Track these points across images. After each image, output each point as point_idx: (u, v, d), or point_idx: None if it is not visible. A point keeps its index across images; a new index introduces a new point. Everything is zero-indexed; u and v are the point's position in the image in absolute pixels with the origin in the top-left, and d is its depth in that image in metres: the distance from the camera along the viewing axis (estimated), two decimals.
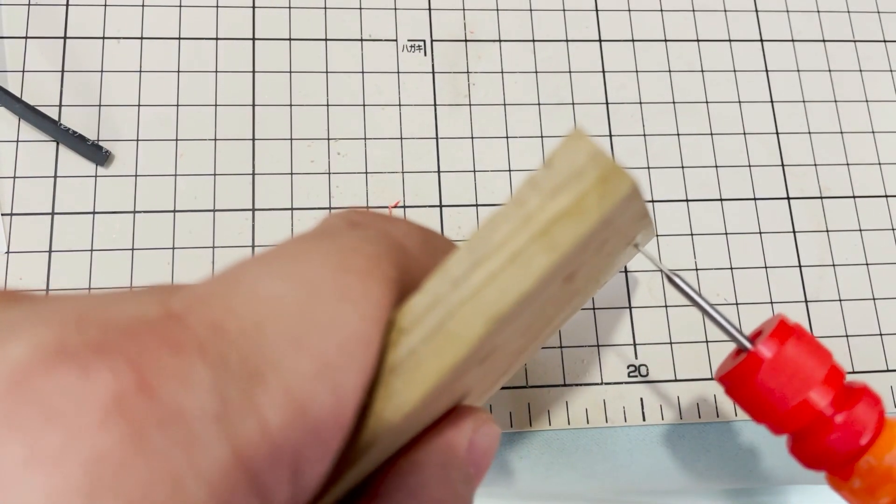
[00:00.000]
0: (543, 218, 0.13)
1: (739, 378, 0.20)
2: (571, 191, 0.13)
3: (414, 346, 0.13)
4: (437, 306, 0.13)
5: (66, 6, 0.30)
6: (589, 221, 0.13)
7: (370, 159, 0.30)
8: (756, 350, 0.20)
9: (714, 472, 0.28)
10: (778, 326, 0.20)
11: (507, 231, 0.13)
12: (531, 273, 0.13)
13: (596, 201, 0.13)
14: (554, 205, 0.13)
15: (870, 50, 0.34)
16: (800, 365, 0.20)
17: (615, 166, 0.13)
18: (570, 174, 0.13)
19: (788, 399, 0.20)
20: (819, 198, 0.31)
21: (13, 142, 0.29)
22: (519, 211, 0.13)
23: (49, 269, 0.27)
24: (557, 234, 0.13)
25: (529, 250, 0.13)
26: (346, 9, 0.32)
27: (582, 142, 0.14)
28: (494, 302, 0.13)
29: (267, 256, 0.13)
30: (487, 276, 0.13)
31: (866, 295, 0.30)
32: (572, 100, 0.31)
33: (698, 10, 0.33)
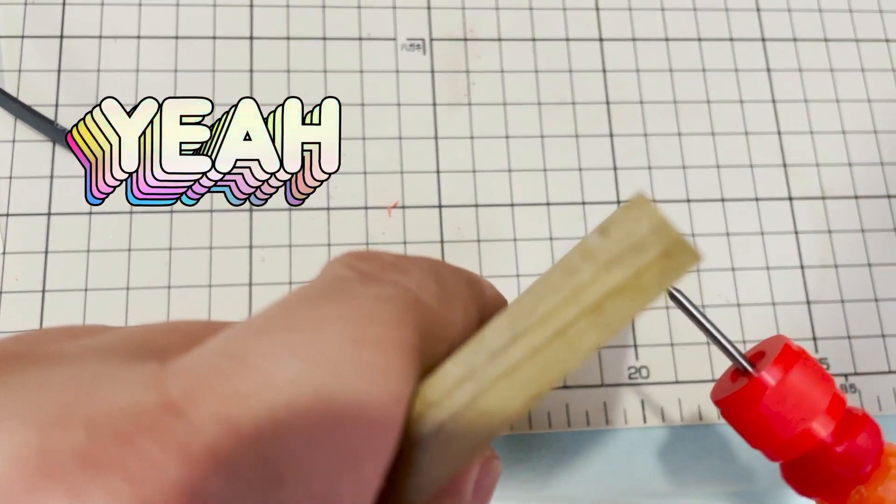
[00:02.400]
0: (597, 292, 0.12)
1: (740, 403, 0.20)
2: (630, 265, 0.12)
3: (443, 422, 0.12)
4: (471, 380, 0.12)
5: (62, 5, 0.30)
6: (647, 298, 0.12)
7: (369, 159, 0.30)
8: (760, 376, 0.19)
9: (715, 475, 0.28)
10: (782, 351, 0.20)
11: (554, 303, 0.12)
12: (579, 351, 0.12)
13: (657, 277, 0.12)
14: (610, 279, 0.12)
15: (872, 49, 0.33)
16: (804, 393, 0.19)
17: (681, 240, 0.12)
18: (629, 246, 0.12)
19: (791, 428, 0.19)
20: (821, 198, 0.31)
21: (9, 142, 0.28)
22: (568, 281, 0.12)
23: (45, 269, 0.27)
24: (611, 310, 0.12)
25: (578, 326, 0.12)
26: (344, 7, 0.32)
27: (644, 210, 0.12)
28: (536, 379, 0.12)
29: (271, 323, 0.11)
30: (529, 350, 0.12)
31: (868, 296, 0.30)
32: (572, 99, 0.31)
33: (699, 9, 0.33)
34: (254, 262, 0.28)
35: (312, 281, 0.13)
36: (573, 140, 0.31)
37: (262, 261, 0.28)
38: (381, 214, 0.29)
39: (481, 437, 0.12)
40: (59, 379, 0.09)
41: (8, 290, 0.27)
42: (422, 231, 0.29)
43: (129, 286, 0.27)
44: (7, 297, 0.27)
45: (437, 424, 0.12)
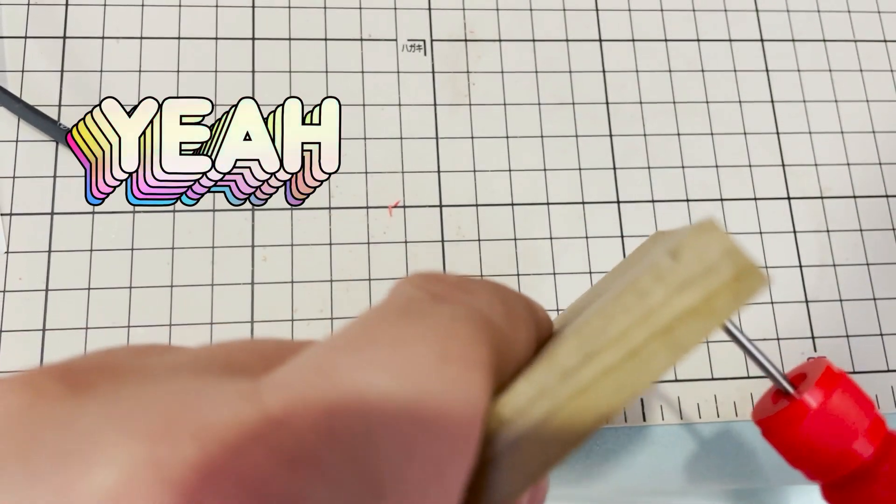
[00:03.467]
0: (668, 314, 0.12)
1: (783, 424, 0.20)
2: (702, 288, 0.12)
3: (516, 439, 0.12)
4: (544, 398, 0.12)
5: (65, 6, 0.30)
6: (717, 320, 0.12)
7: (370, 159, 0.30)
8: (802, 399, 0.20)
9: (714, 473, 0.28)
10: (824, 374, 0.20)
11: (625, 324, 0.12)
12: (650, 371, 0.12)
13: (728, 300, 0.12)
14: (681, 301, 0.12)
15: (870, 50, 0.34)
16: (845, 415, 0.19)
17: (751, 264, 0.12)
18: (701, 269, 0.12)
19: (833, 449, 0.19)
20: (820, 198, 0.31)
21: (13, 142, 0.29)
22: (640, 304, 0.12)
23: (48, 268, 0.27)
24: (682, 332, 0.12)
25: (650, 348, 0.12)
26: (345, 8, 0.32)
27: (714, 234, 0.12)
28: (608, 398, 0.12)
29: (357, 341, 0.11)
30: (602, 370, 0.12)
31: (867, 295, 0.30)
32: (572, 100, 0.31)
33: (699, 10, 0.33)
34: (256, 261, 0.28)
35: (385, 301, 0.13)
36: (573, 140, 0.31)
37: (263, 260, 0.28)
38: (382, 214, 0.29)
39: (554, 455, 0.12)
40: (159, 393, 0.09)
41: (11, 289, 0.27)
42: (422, 230, 0.29)
43: (132, 285, 0.28)
44: (10, 296, 0.27)
45: (511, 441, 0.12)
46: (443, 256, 0.29)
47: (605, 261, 0.30)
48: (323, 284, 0.28)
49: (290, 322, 0.28)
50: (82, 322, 0.27)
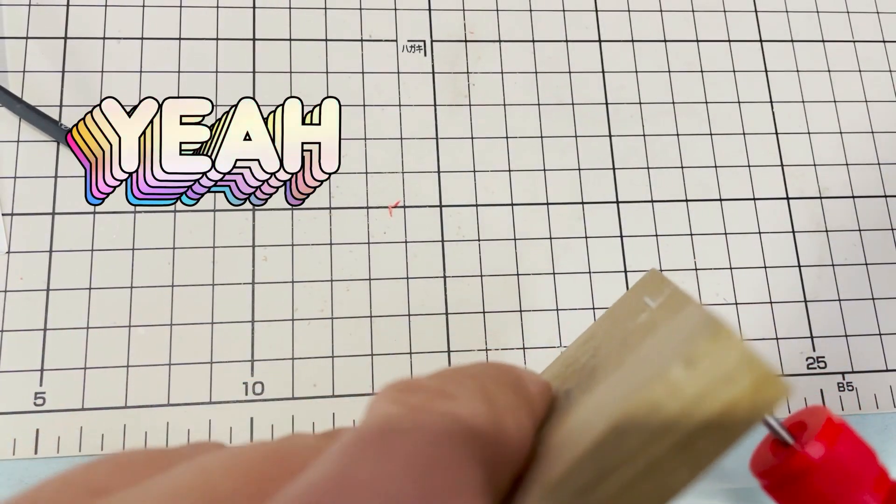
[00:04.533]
0: (687, 428, 0.12)
1: (786, 478, 0.19)
2: (719, 400, 0.12)
3: None
4: None
5: (66, 6, 0.30)
6: (737, 432, 0.12)
7: (370, 159, 0.30)
8: (804, 451, 0.19)
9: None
10: (826, 425, 0.20)
11: (641, 439, 0.12)
12: (670, 488, 0.12)
13: (747, 411, 0.12)
14: (699, 413, 0.12)
15: (869, 50, 0.34)
16: (850, 468, 0.19)
17: (770, 373, 0.12)
18: (717, 379, 0.12)
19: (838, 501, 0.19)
20: (818, 198, 0.31)
21: (14, 142, 0.29)
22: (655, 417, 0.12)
23: (49, 268, 0.27)
24: (702, 446, 0.12)
25: (669, 464, 0.12)
26: (346, 9, 0.32)
27: (731, 342, 0.12)
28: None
29: (336, 487, 0.11)
30: (619, 488, 0.12)
31: (865, 295, 0.30)
32: (572, 100, 0.32)
33: (698, 11, 0.33)
34: (256, 261, 0.28)
35: (362, 424, 0.13)
36: (572, 140, 0.31)
37: (264, 260, 0.28)
38: (382, 214, 0.29)
39: None
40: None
41: (12, 288, 0.27)
42: (422, 230, 0.29)
43: (133, 285, 0.28)
44: (11, 296, 0.27)
45: None
46: (443, 256, 0.29)
47: (605, 260, 0.30)
48: (323, 284, 0.28)
49: (291, 322, 0.28)
50: (83, 322, 0.27)
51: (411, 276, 0.29)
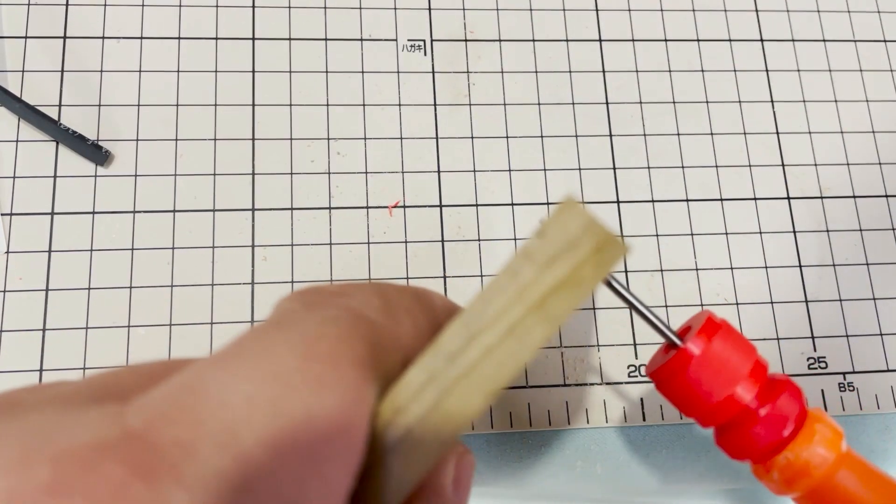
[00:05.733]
0: (539, 290, 0.13)
1: (669, 374, 0.21)
2: (567, 262, 0.13)
3: (411, 425, 0.13)
4: (433, 383, 0.13)
5: (65, 6, 0.30)
6: (585, 291, 0.13)
7: (370, 159, 0.30)
8: (685, 347, 0.20)
9: (714, 473, 0.28)
10: (706, 323, 0.21)
11: (502, 304, 0.13)
12: (528, 345, 0.13)
13: (592, 271, 0.13)
14: (549, 277, 0.13)
15: (870, 50, 0.34)
16: (726, 360, 0.20)
17: (610, 235, 0.13)
18: (564, 244, 0.13)
19: (715, 394, 0.20)
20: (819, 197, 0.31)
21: (13, 141, 0.29)
22: (513, 283, 0.13)
23: (49, 269, 0.27)
24: (554, 305, 0.13)
25: (526, 323, 0.13)
26: (345, 8, 0.32)
27: (575, 211, 0.13)
28: (493, 376, 0.13)
29: (227, 355, 0.12)
30: (484, 350, 0.13)
31: (866, 295, 0.30)
32: (572, 100, 0.31)
33: (698, 10, 0.33)
34: (256, 261, 0.28)
35: (264, 319, 0.13)
36: (573, 140, 0.31)
37: (264, 260, 0.28)
38: (382, 214, 0.29)
39: (447, 436, 0.13)
40: (19, 426, 0.10)
41: (11, 288, 0.27)
42: (422, 230, 0.29)
43: (132, 285, 0.28)
44: (10, 297, 0.27)
45: (405, 428, 0.13)
46: (443, 256, 0.29)
47: None
48: (323, 284, 0.28)
49: None
50: (82, 322, 0.27)
51: (411, 276, 0.29)
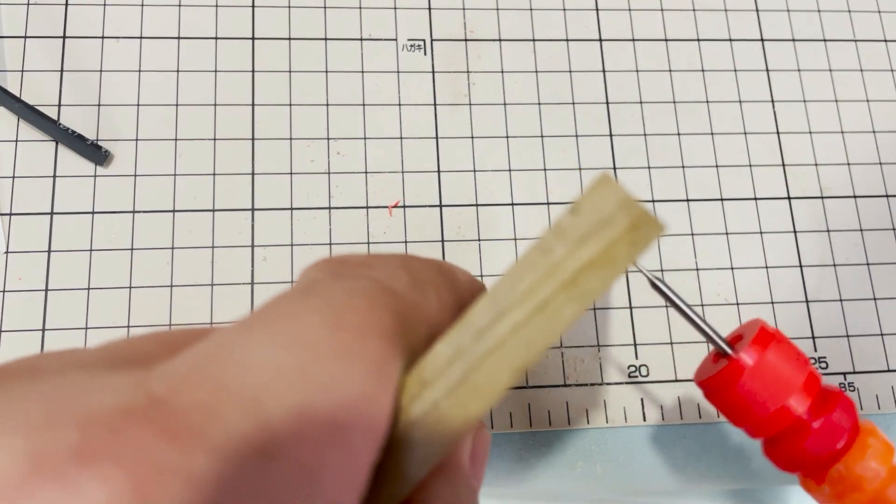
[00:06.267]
0: (571, 267, 0.13)
1: (721, 384, 0.20)
2: (601, 239, 0.13)
3: (437, 399, 0.13)
4: (461, 358, 0.13)
5: (65, 5, 0.30)
6: (618, 269, 0.13)
7: (370, 159, 0.30)
8: (738, 357, 0.20)
9: (715, 473, 0.28)
10: (759, 333, 0.21)
11: (532, 280, 0.13)
12: (559, 323, 0.13)
13: (626, 249, 0.13)
14: (582, 253, 0.13)
15: (870, 49, 0.34)
16: (780, 372, 0.20)
17: (645, 213, 0.13)
18: (598, 222, 0.13)
19: (768, 405, 0.20)
20: (820, 197, 0.31)
21: (12, 141, 0.29)
22: (545, 259, 0.13)
23: (48, 269, 0.27)
24: (586, 283, 0.13)
25: (557, 300, 0.13)
26: (345, 8, 0.32)
27: (610, 187, 0.13)
28: (521, 353, 0.13)
29: (253, 322, 0.12)
30: (513, 326, 0.13)
31: (867, 295, 0.30)
32: (572, 100, 0.31)
33: (699, 10, 0.33)
34: (256, 261, 0.28)
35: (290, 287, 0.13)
36: (573, 140, 0.31)
37: (263, 260, 0.28)
38: (382, 214, 0.29)
39: (472, 412, 0.13)
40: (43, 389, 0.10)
41: (11, 289, 0.27)
42: (422, 230, 0.29)
43: (132, 285, 0.28)
44: (10, 297, 0.27)
45: (431, 402, 0.13)
46: (443, 256, 0.29)
47: None
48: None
49: None
50: (82, 322, 0.27)
51: None
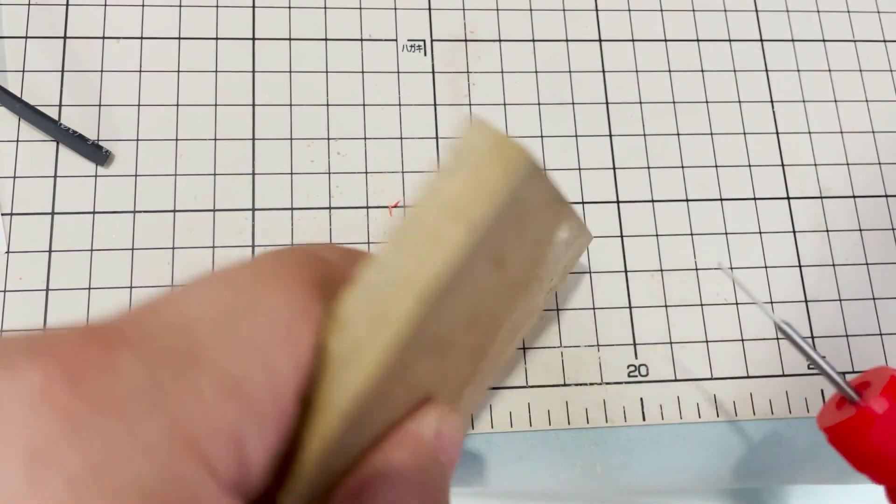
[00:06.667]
0: (450, 194, 0.14)
1: (850, 431, 0.21)
2: (471, 165, 0.14)
3: (354, 334, 0.14)
4: (369, 293, 0.14)
5: (65, 6, 0.30)
6: (493, 191, 0.14)
7: (370, 159, 0.30)
8: (868, 406, 0.20)
9: (714, 472, 0.28)
10: (889, 383, 0.21)
11: (420, 213, 0.14)
12: (448, 245, 0.14)
13: (497, 172, 0.14)
14: (458, 180, 0.14)
15: (869, 50, 0.34)
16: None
17: (505, 138, 0.14)
18: (468, 153, 0.14)
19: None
20: (819, 197, 0.31)
21: (13, 141, 0.29)
22: (430, 194, 0.14)
23: (49, 269, 0.27)
24: (465, 206, 0.14)
25: (441, 225, 0.14)
26: (346, 8, 0.32)
27: (480, 126, 0.14)
28: (418, 277, 0.14)
29: (194, 280, 0.14)
30: (407, 255, 0.14)
31: (866, 295, 0.30)
32: (572, 100, 0.31)
33: (698, 10, 0.33)
34: None
35: None
36: (573, 140, 0.31)
37: None
38: (382, 214, 0.29)
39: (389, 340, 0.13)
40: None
41: (11, 288, 0.27)
42: None
43: (133, 285, 0.28)
44: (11, 296, 0.27)
45: (351, 338, 0.14)
46: None
47: (605, 260, 0.30)
48: None
49: None
50: (82, 322, 0.27)
51: None
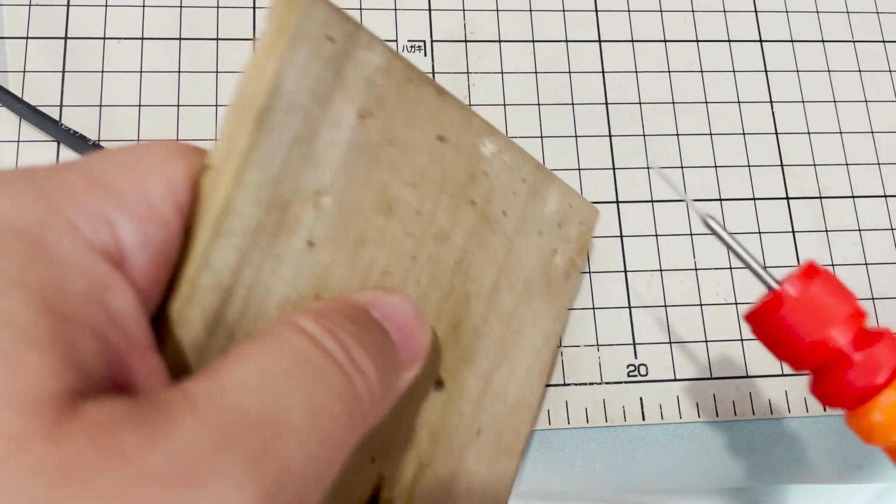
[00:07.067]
0: (266, 38, 0.16)
1: (764, 315, 0.21)
2: (275, 14, 0.17)
3: (217, 169, 0.16)
4: (224, 137, 0.16)
5: (66, 6, 0.30)
6: (290, 30, 0.16)
7: None
8: (782, 289, 0.20)
9: (713, 472, 0.28)
10: (806, 268, 0.21)
11: (250, 61, 0.16)
12: (267, 75, 0.16)
13: (294, 18, 0.17)
14: (268, 30, 0.17)
15: (869, 50, 0.34)
16: (822, 303, 0.20)
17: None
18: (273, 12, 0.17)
19: (809, 335, 0.20)
20: (818, 198, 0.31)
21: (14, 142, 0.29)
22: (258, 45, 0.17)
23: None
24: (273, 45, 0.16)
25: (262, 61, 0.16)
26: (346, 9, 0.32)
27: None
28: (252, 105, 0.16)
29: None
30: (241, 97, 0.16)
31: (866, 295, 0.30)
32: (572, 100, 0.32)
33: (698, 11, 0.33)
34: None
35: None
36: (572, 140, 0.31)
37: None
38: None
39: (237, 165, 0.15)
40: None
41: None
42: None
43: None
44: None
45: (214, 173, 0.16)
46: None
47: (605, 260, 0.30)
48: None
49: None
50: None
51: None
